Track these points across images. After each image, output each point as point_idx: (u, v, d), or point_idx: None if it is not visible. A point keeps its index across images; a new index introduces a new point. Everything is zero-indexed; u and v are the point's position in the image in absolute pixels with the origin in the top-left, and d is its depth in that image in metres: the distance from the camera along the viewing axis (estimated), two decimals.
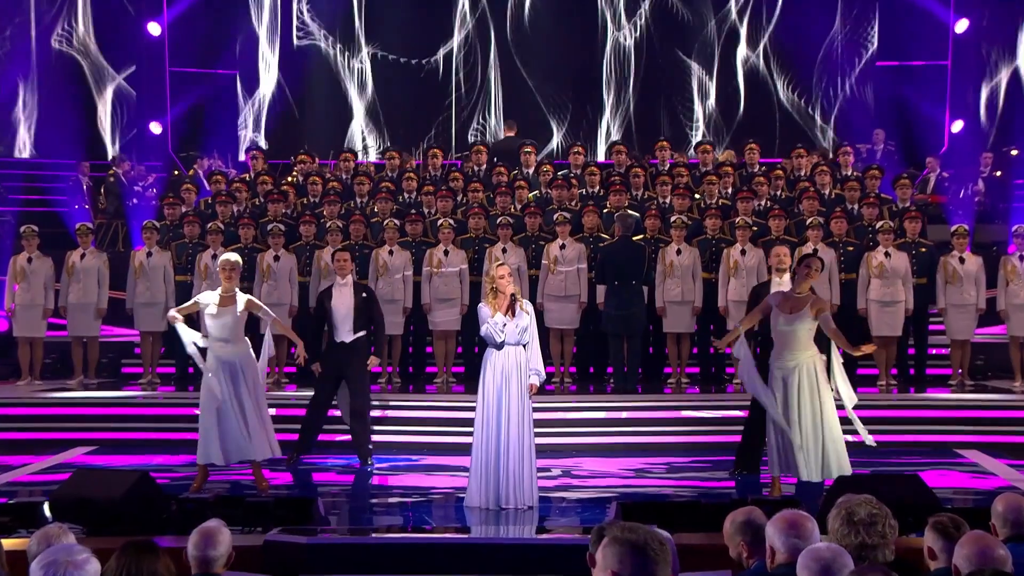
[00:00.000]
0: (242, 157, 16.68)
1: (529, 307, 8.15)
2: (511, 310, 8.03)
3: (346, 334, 9.71)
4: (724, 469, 9.48)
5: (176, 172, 16.57)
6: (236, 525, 6.60)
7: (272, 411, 10.91)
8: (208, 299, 8.76)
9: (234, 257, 8.89)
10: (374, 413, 11.03)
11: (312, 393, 10.14)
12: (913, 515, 5.92)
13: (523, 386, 7.99)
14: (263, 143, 17.57)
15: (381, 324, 10.07)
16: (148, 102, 17.81)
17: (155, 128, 17.66)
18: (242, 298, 8.70)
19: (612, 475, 9.71)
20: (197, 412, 8.92)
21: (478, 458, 8.07)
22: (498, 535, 7.51)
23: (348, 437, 10.21)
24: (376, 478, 9.61)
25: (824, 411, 8.21)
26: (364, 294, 9.83)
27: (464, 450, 8.52)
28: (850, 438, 9.01)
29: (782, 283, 9.11)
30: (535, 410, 8.45)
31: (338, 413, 10.29)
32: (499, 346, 7.99)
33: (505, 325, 7.97)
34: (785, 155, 14.87)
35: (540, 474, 8.39)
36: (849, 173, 13.69)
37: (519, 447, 7.97)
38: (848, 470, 8.12)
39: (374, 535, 7.33)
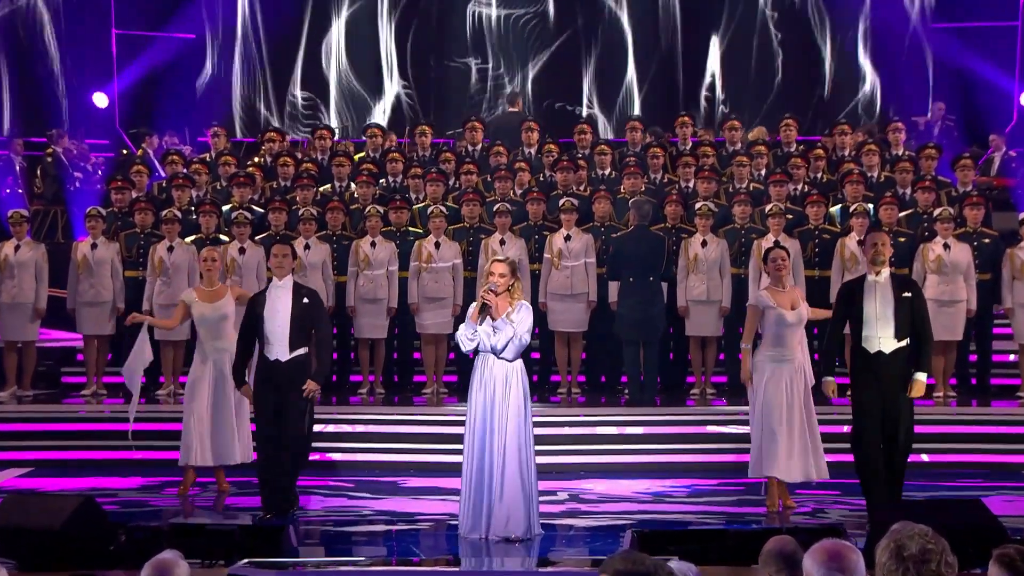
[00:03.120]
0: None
1: (521, 313, 8.02)
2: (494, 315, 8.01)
3: (281, 351, 8.87)
4: (755, 492, 9.49)
5: (124, 151, 16.55)
6: (195, 557, 6.61)
7: None
8: (190, 297, 9.85)
9: (216, 250, 10.10)
10: (352, 428, 11.05)
11: (256, 436, 9.26)
12: (975, 546, 5.91)
13: (513, 399, 7.96)
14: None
15: (326, 339, 9.17)
16: (92, 70, 17.78)
17: (100, 100, 17.64)
18: (230, 291, 9.92)
19: (626, 499, 9.73)
20: (151, 428, 9.98)
21: (464, 481, 8.10)
22: (494, 568, 7.52)
23: (323, 456, 10.22)
24: (356, 503, 9.62)
25: (811, 410, 8.96)
26: (306, 300, 8.99)
27: (457, 470, 8.54)
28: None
29: (879, 279, 8.70)
30: (536, 424, 8.46)
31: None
32: (467, 353, 8.17)
33: (475, 332, 7.99)
34: (826, 132, 14.88)
35: (543, 498, 8.40)
36: (901, 152, 13.69)
37: (503, 467, 7.91)
38: (825, 474, 8.99)
39: (353, 568, 7.33)
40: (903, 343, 8.63)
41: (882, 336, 8.61)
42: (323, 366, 9.14)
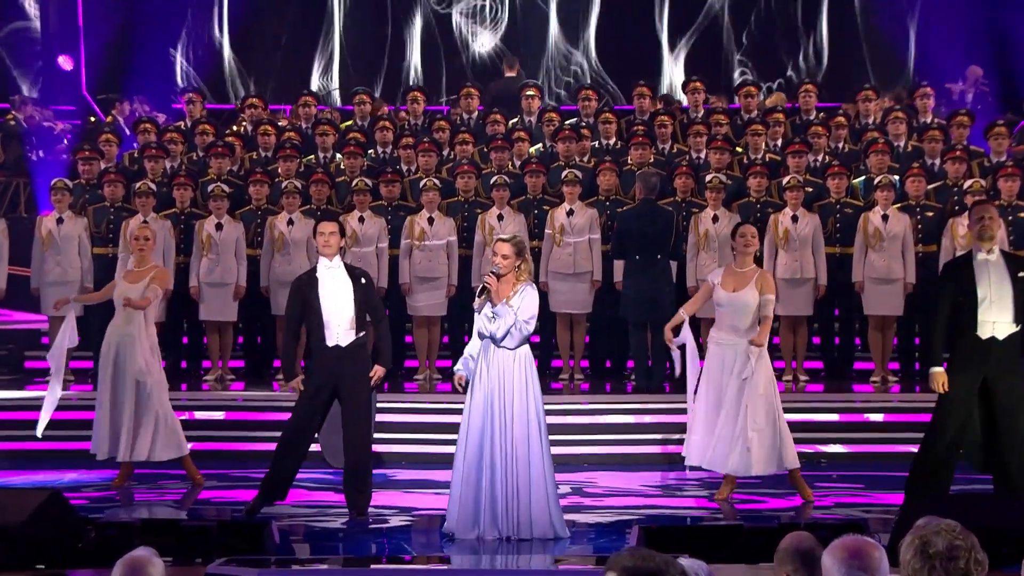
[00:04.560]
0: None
1: (523, 298, 7.93)
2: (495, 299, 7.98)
3: (344, 335, 8.78)
4: (771, 485, 9.52)
5: (93, 119, 16.51)
6: (170, 555, 6.62)
7: (220, 415, 10.98)
8: (119, 275, 9.99)
9: (150, 228, 10.04)
10: None
11: (291, 416, 9.01)
12: (1009, 544, 5.95)
13: (518, 391, 7.92)
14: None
15: (384, 319, 9.24)
16: (56, 30, 17.71)
17: (65, 63, 17.58)
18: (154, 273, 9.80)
19: (633, 493, 9.77)
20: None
21: (455, 476, 8.07)
22: (493, 567, 7.53)
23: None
24: (343, 497, 9.62)
25: (763, 399, 8.93)
26: (363, 280, 8.96)
27: (452, 462, 8.53)
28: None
29: (991, 257, 8.39)
30: None
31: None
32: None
33: (493, 319, 7.95)
34: (849, 98, 14.85)
35: None
36: (929, 120, 13.67)
37: (507, 464, 7.88)
38: (793, 465, 9.00)
39: (340, 567, 7.35)
40: (1018, 327, 8.40)
41: (998, 320, 8.34)
42: (387, 348, 9.17)
